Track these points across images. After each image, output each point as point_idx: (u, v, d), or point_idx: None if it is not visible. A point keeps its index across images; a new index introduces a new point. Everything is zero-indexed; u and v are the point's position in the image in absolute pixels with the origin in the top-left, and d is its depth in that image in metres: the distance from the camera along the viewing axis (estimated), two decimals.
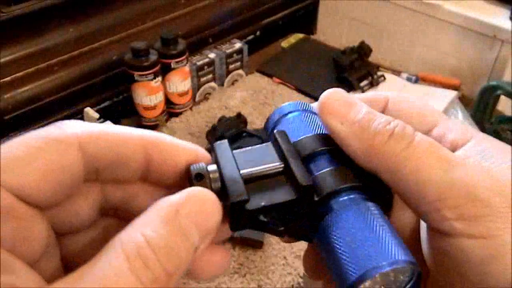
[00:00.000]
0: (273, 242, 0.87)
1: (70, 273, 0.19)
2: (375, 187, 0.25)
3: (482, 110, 1.23)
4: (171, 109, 1.17)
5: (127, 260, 0.19)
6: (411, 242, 0.27)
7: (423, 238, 0.26)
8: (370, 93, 0.29)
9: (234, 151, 0.26)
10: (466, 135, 0.25)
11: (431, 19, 1.33)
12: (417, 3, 1.33)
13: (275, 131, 0.28)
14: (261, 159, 0.26)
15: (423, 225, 0.26)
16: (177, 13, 1.22)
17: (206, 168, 0.25)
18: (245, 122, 1.08)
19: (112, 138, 0.24)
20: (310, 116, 0.29)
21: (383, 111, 0.28)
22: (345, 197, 0.25)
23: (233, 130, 1.03)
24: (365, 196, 0.25)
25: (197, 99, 1.22)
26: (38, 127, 0.21)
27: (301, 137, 0.27)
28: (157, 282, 0.19)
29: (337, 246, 0.23)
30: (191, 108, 1.18)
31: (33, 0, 0.96)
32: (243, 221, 0.25)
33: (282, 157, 0.26)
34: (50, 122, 0.21)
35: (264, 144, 0.28)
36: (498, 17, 1.25)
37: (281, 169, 0.26)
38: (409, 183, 0.23)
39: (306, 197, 0.25)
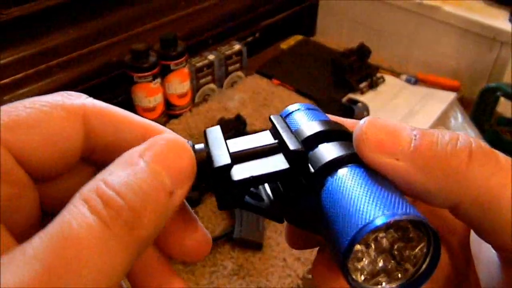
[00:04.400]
0: (272, 244, 0.87)
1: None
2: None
3: (482, 112, 1.23)
4: (170, 111, 1.17)
5: (85, 202, 0.18)
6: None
7: (489, 274, 0.22)
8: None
9: (229, 140, 0.25)
10: None
11: (430, 21, 1.33)
12: (416, 5, 1.33)
13: (271, 115, 0.27)
14: (254, 141, 0.25)
15: (489, 261, 0.22)
16: (177, 15, 1.22)
17: (193, 145, 0.23)
18: (244, 123, 1.08)
19: (117, 118, 0.23)
20: (314, 112, 0.27)
21: None
22: (345, 168, 0.22)
23: (232, 132, 1.03)
24: (366, 169, 0.22)
25: (196, 100, 1.22)
26: None
27: (300, 125, 0.26)
28: (121, 217, 0.18)
29: (331, 214, 0.21)
30: (190, 110, 1.18)
31: (32, 2, 0.96)
32: (231, 197, 0.23)
33: (277, 134, 0.25)
34: None
35: (261, 132, 0.26)
36: (497, 18, 1.25)
37: (274, 145, 0.24)
38: (502, 217, 0.19)
39: (298, 165, 0.23)
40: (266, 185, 0.26)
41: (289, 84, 1.28)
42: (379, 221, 0.18)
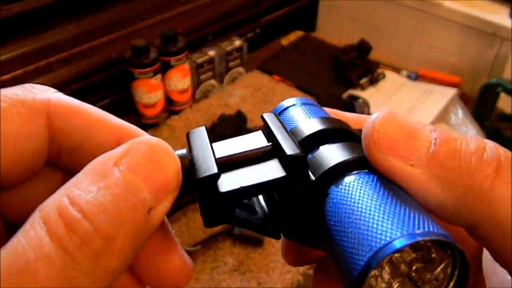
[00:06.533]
0: (273, 240, 0.87)
1: None
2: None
3: (483, 108, 1.23)
4: (171, 107, 1.16)
5: (44, 224, 0.15)
6: None
7: None
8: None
9: (216, 143, 0.22)
10: None
11: (431, 17, 1.32)
12: (417, 1, 1.33)
13: (264, 113, 0.23)
14: (245, 144, 0.21)
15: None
16: (177, 10, 1.22)
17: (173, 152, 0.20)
18: (244, 119, 1.08)
19: (88, 117, 0.20)
20: (312, 107, 0.24)
21: None
22: (352, 176, 0.19)
23: (232, 128, 1.03)
24: (378, 177, 0.19)
25: (196, 96, 1.22)
26: None
27: (297, 123, 0.22)
28: (87, 246, 0.15)
29: (338, 230, 0.18)
30: (190, 106, 1.18)
31: None
32: (218, 211, 0.20)
33: (271, 136, 0.21)
34: None
35: (253, 132, 0.23)
36: (498, 14, 1.24)
37: (268, 149, 0.21)
38: None
39: (297, 173, 0.19)
40: (260, 196, 0.23)
41: (290, 80, 1.28)
42: (398, 244, 0.16)
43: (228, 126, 1.03)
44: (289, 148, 0.20)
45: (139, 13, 1.16)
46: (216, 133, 1.02)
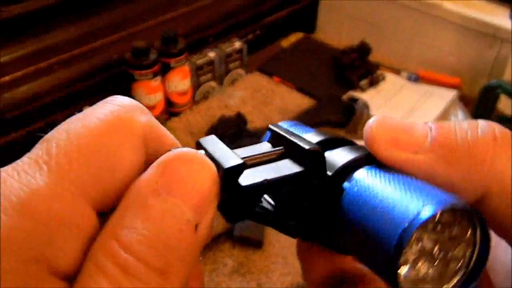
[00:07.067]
0: (273, 242, 0.87)
1: None
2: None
3: (483, 110, 1.23)
4: (170, 109, 1.17)
5: (105, 277, 0.15)
6: None
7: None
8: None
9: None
10: None
11: (431, 18, 1.33)
12: (417, 2, 1.33)
13: (270, 125, 0.24)
14: (257, 150, 0.22)
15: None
16: (177, 12, 1.22)
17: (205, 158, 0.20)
18: (244, 121, 1.08)
19: (168, 142, 0.20)
20: (302, 127, 0.25)
21: None
22: (361, 170, 0.20)
23: (232, 129, 1.03)
24: (387, 168, 0.20)
25: (196, 98, 1.22)
26: (38, 127, 0.18)
27: (299, 136, 0.23)
28: (148, 285, 0.16)
29: (360, 219, 0.18)
30: (190, 108, 1.18)
31: None
32: (241, 206, 0.20)
33: (281, 140, 0.22)
34: (50, 122, 0.18)
35: (258, 143, 0.24)
36: (498, 15, 1.25)
37: (281, 151, 0.22)
38: None
39: (315, 167, 0.20)
40: (270, 199, 0.23)
41: (290, 81, 1.28)
42: (426, 213, 0.16)
43: (228, 127, 1.03)
44: (305, 144, 0.21)
45: (139, 14, 1.16)
46: (216, 135, 1.02)
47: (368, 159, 0.20)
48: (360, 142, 0.22)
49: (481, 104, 1.23)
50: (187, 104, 1.18)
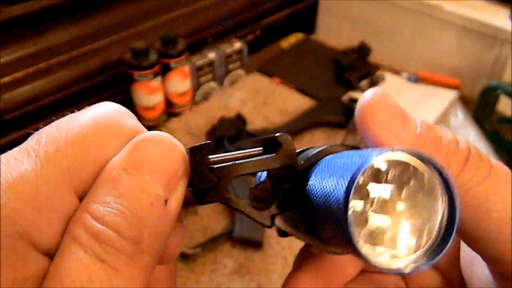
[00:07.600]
0: (272, 243, 0.87)
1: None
2: None
3: (483, 110, 1.23)
4: (170, 109, 1.17)
5: (81, 245, 0.17)
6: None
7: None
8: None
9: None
10: None
11: (431, 19, 1.33)
12: (417, 3, 1.33)
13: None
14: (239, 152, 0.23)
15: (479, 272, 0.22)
16: (177, 13, 1.22)
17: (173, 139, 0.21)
18: (244, 122, 1.08)
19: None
20: None
21: None
22: (328, 156, 0.21)
23: (232, 130, 1.03)
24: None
25: (196, 99, 1.22)
26: (38, 127, 0.19)
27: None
28: (120, 252, 0.17)
29: (322, 186, 0.19)
30: (190, 108, 1.18)
31: (33, 0, 0.96)
32: (210, 187, 0.20)
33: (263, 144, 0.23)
34: (50, 122, 0.19)
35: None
36: (498, 17, 1.25)
37: (259, 152, 0.22)
38: (491, 222, 0.19)
39: (285, 152, 0.21)
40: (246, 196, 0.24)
41: (290, 82, 1.28)
42: (369, 159, 0.17)
43: (228, 128, 1.03)
44: (277, 135, 0.21)
45: (139, 15, 1.16)
46: (216, 136, 1.02)
47: (337, 150, 0.21)
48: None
49: (481, 105, 1.23)
50: (187, 105, 1.18)
